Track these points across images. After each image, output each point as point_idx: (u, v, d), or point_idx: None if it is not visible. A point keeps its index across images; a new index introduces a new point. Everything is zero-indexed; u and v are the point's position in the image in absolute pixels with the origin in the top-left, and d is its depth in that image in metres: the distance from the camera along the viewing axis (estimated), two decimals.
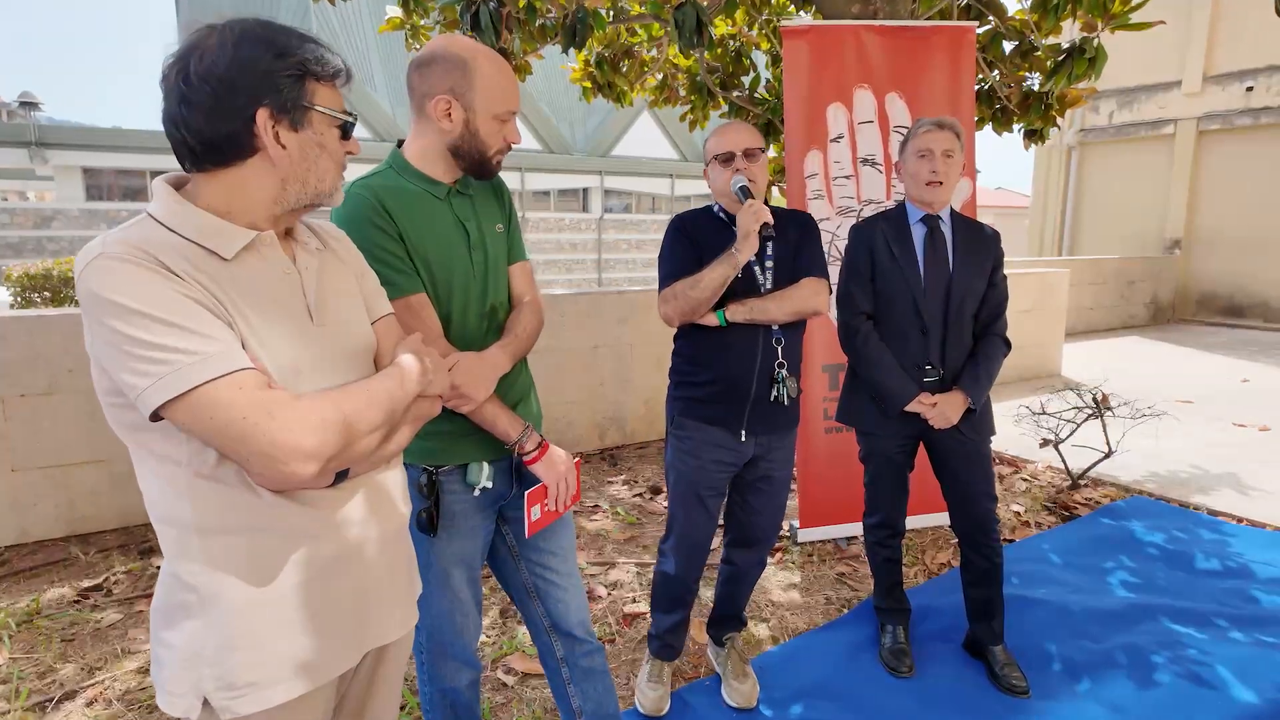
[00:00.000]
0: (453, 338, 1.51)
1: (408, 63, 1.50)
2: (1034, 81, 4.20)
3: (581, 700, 1.74)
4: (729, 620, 2.37)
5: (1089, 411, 4.13)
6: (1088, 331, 10.09)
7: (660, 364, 2.28)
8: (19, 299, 9.02)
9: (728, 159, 1.98)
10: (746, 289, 1.98)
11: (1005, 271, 2.36)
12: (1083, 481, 4.17)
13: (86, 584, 2.95)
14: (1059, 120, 4.25)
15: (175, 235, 0.96)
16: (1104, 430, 4.09)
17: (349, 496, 1.08)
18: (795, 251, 2.04)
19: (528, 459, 1.55)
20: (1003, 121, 4.31)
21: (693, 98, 4.92)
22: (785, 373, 2.01)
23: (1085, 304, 10.09)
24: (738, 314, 1.96)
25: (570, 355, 4.67)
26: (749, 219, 1.85)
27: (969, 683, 2.34)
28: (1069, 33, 4.14)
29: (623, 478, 4.32)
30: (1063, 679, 2.35)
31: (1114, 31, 3.53)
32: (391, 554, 1.17)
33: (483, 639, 2.54)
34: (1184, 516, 3.69)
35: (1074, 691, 2.28)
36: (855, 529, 3.33)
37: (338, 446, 0.97)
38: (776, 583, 3.06)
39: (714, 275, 1.90)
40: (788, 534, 3.49)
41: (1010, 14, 4.06)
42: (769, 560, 3.21)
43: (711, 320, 1.97)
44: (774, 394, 2.00)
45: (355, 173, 1.36)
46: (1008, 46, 4.12)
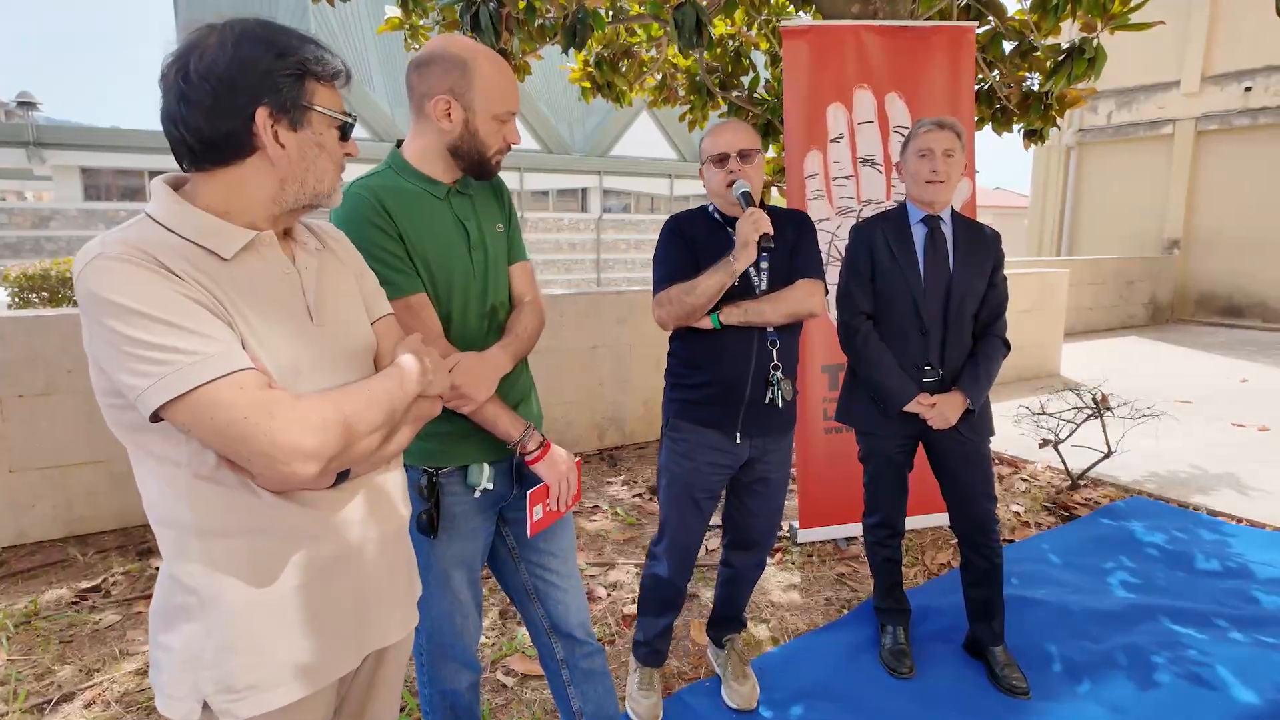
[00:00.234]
0: (453, 338, 1.51)
1: (407, 63, 1.50)
2: (1034, 81, 4.21)
3: (582, 702, 1.73)
4: (728, 622, 2.37)
5: (1088, 412, 4.13)
6: (1087, 331, 10.10)
7: (659, 364, 2.27)
8: (17, 299, 9.01)
9: (722, 160, 1.95)
10: (741, 291, 1.96)
11: (1004, 272, 2.36)
12: (1082, 482, 4.17)
13: (85, 585, 2.94)
14: (1059, 120, 4.25)
15: (174, 235, 0.95)
16: (1103, 430, 4.09)
17: (349, 498, 1.08)
18: (791, 253, 2.02)
19: (530, 459, 1.55)
20: (1002, 121, 4.32)
21: (692, 98, 4.91)
22: (780, 375, 1.99)
23: (1084, 304, 10.10)
24: (732, 316, 1.94)
25: (569, 355, 4.67)
26: (749, 228, 1.83)
27: (969, 683, 2.34)
28: (1068, 33, 4.14)
29: (622, 478, 4.31)
30: (1063, 679, 2.34)
31: (1113, 32, 3.53)
32: (391, 555, 1.16)
33: (482, 640, 2.54)
34: (1184, 517, 3.69)
35: (1074, 692, 2.28)
36: (855, 529, 3.32)
37: (338, 447, 0.97)
38: (776, 583, 3.06)
39: (710, 283, 1.88)
40: (787, 534, 3.49)
41: (1010, 14, 4.06)
42: (769, 561, 3.21)
43: (706, 323, 1.95)
44: (769, 396, 1.99)
45: (354, 173, 1.35)
46: (1007, 46, 4.12)
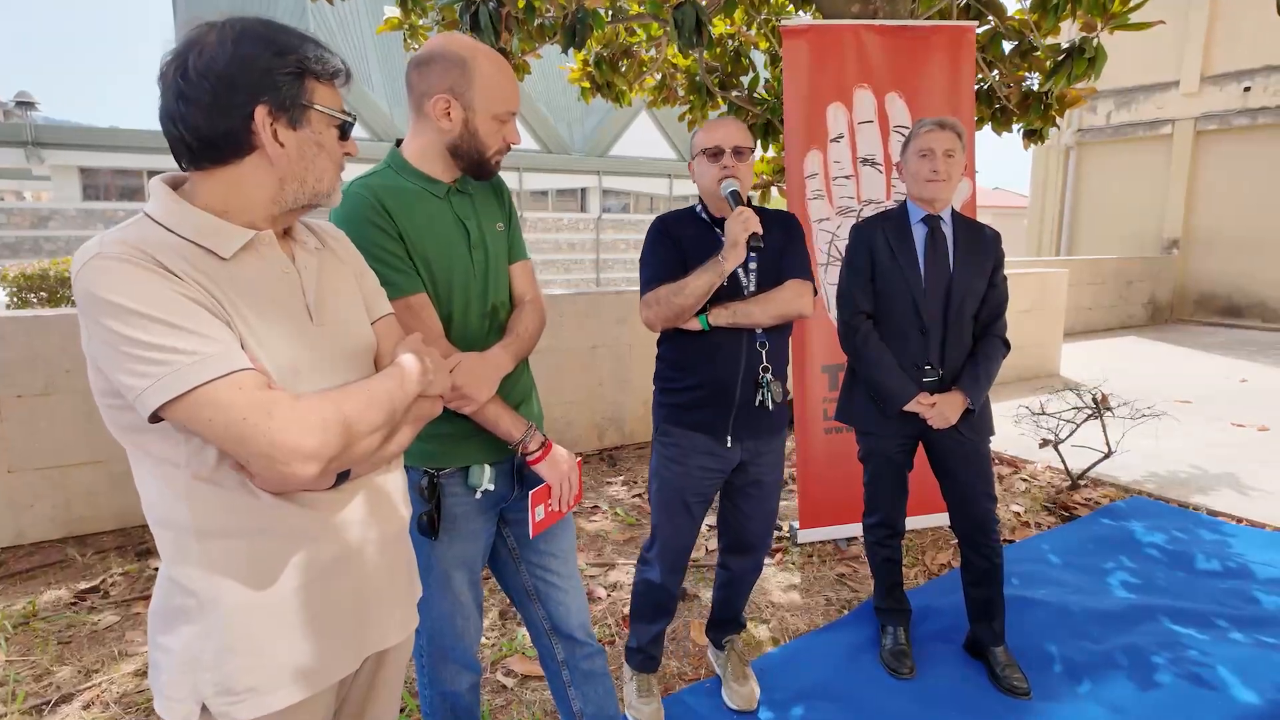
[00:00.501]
0: (454, 338, 1.50)
1: (406, 62, 1.49)
2: (1033, 81, 4.21)
3: (582, 703, 1.73)
4: (727, 624, 2.36)
5: (1088, 412, 4.13)
6: (1086, 331, 10.10)
7: None
8: (16, 299, 9.01)
9: (716, 154, 1.93)
10: (730, 292, 1.94)
11: (1004, 272, 2.36)
12: (1082, 482, 4.17)
13: (83, 586, 2.93)
14: (1058, 120, 4.25)
15: (173, 235, 0.95)
16: (1103, 430, 4.09)
17: (349, 499, 1.07)
18: (779, 253, 2.00)
19: (531, 459, 1.54)
20: (1002, 121, 4.32)
21: (691, 98, 4.91)
22: (770, 377, 1.97)
23: (1084, 304, 10.10)
24: (721, 318, 1.92)
25: (569, 355, 4.67)
26: (738, 227, 1.81)
27: (970, 684, 2.34)
28: (1068, 33, 4.14)
29: (621, 478, 4.31)
30: (1063, 680, 2.34)
31: (1113, 31, 3.53)
32: (391, 556, 1.16)
33: (482, 640, 2.53)
34: (1184, 517, 3.69)
35: (1075, 692, 2.28)
36: (855, 530, 3.32)
37: (338, 447, 0.96)
38: (776, 584, 3.06)
39: (699, 282, 1.86)
40: (787, 535, 3.48)
41: (1010, 14, 4.06)
42: (769, 562, 3.21)
43: (694, 325, 1.93)
44: (759, 398, 1.97)
45: (353, 172, 1.35)
46: (1007, 46, 4.12)
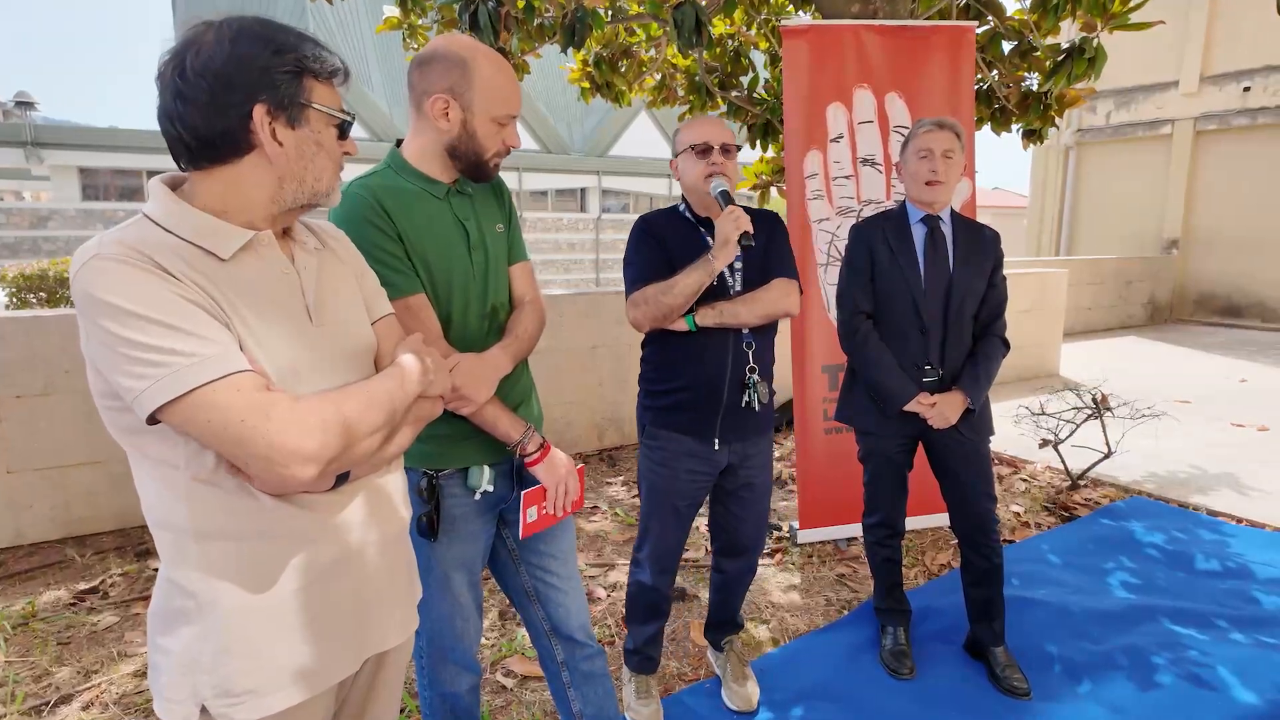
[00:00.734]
0: (453, 339, 1.50)
1: (405, 62, 1.48)
2: (1033, 81, 4.20)
3: (582, 704, 1.73)
4: (725, 625, 2.36)
5: (1088, 412, 4.13)
6: (1086, 331, 10.10)
7: None
8: (15, 299, 9.00)
9: (705, 151, 1.91)
10: (716, 292, 1.93)
11: (1004, 272, 2.36)
12: (1082, 482, 4.17)
13: (83, 586, 2.93)
14: (1058, 120, 4.24)
15: (171, 235, 0.95)
16: (1103, 430, 4.09)
17: (348, 500, 1.07)
18: (764, 252, 1.98)
19: (529, 460, 1.54)
20: (1002, 121, 4.31)
21: (691, 98, 4.90)
22: (757, 377, 1.96)
23: (1083, 304, 10.10)
24: (707, 318, 1.90)
25: (568, 355, 4.66)
26: (729, 226, 1.79)
27: (970, 684, 2.33)
28: (1068, 33, 4.14)
29: (621, 478, 4.30)
30: (1063, 680, 2.34)
31: (1113, 31, 3.53)
32: (391, 558, 1.16)
33: (482, 641, 2.53)
34: (1184, 517, 3.69)
35: (1075, 693, 2.28)
36: (855, 530, 3.32)
37: (338, 449, 0.96)
38: (776, 584, 3.05)
39: (688, 281, 1.84)
40: (787, 535, 3.48)
41: (1010, 14, 4.05)
42: (769, 562, 3.21)
43: (681, 325, 1.91)
44: (745, 399, 1.96)
45: (353, 173, 1.35)
46: (1007, 46, 4.11)
